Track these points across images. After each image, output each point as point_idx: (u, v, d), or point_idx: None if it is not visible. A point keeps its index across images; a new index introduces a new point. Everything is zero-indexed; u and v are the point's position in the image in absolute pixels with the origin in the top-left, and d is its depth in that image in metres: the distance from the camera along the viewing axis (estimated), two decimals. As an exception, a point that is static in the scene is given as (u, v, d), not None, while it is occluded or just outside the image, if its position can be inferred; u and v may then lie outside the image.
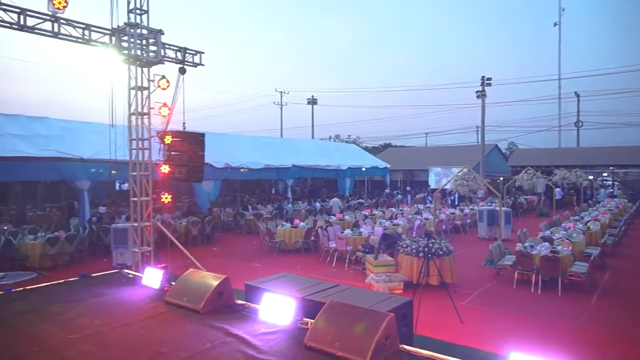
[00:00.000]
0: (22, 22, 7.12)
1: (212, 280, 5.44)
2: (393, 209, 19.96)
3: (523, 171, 27.10)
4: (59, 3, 7.20)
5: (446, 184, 20.03)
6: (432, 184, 32.68)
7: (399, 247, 9.79)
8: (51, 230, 12.80)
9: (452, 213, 18.07)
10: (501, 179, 29.46)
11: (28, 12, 7.19)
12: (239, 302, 5.47)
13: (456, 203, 23.16)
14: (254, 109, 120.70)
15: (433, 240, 9.19)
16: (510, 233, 15.69)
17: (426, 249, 8.23)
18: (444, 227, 15.92)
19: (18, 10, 7.08)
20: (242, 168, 18.25)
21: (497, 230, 14.17)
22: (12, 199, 20.05)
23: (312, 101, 44.40)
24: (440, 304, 8.12)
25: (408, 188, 32.39)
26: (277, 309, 4.71)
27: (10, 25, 7.05)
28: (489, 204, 20.90)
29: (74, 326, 4.85)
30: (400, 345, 3.77)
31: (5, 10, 6.97)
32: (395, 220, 15.40)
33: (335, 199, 21.17)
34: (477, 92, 32.28)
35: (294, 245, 13.24)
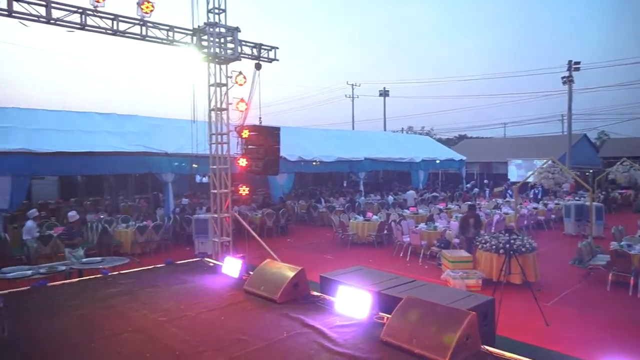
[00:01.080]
0: (115, 28, 7.69)
1: (288, 271, 5.55)
2: (469, 203, 19.17)
3: (618, 163, 24.74)
4: (147, 7, 7.68)
5: (529, 177, 18.79)
6: (512, 177, 30.92)
7: (477, 243, 9.37)
8: (140, 219, 13.84)
9: (535, 208, 16.97)
10: (590, 171, 27.15)
11: (120, 18, 7.75)
12: (314, 293, 5.53)
13: (539, 197, 21.67)
14: (325, 102, 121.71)
15: (515, 236, 8.68)
16: (602, 230, 14.42)
17: (507, 245, 7.78)
18: (525, 222, 15.01)
19: (112, 17, 7.66)
20: (315, 161, 18.46)
21: (586, 226, 13.09)
22: (106, 190, 21.95)
23: (384, 93, 43.77)
24: (523, 304, 7.66)
25: (485, 181, 30.91)
26: (352, 302, 4.69)
27: (105, 31, 7.64)
28: (577, 198, 19.34)
29: (162, 309, 5.18)
30: (481, 346, 3.59)
31: (101, 18, 7.56)
32: (472, 215, 14.75)
33: (411, 192, 20.75)
34: (563, 77, 29.92)
35: (367, 239, 13.17)
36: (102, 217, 14.15)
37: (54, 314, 5.17)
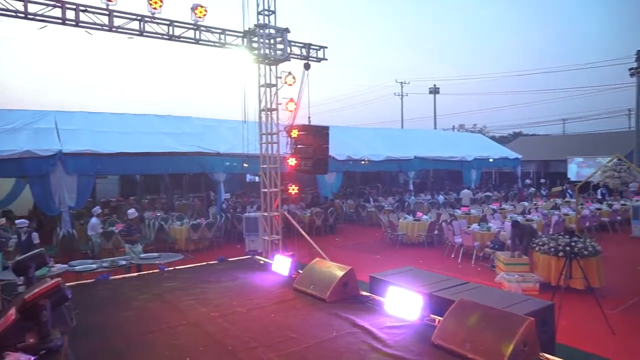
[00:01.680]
0: (170, 33, 8.00)
1: (338, 270, 5.54)
2: (525, 203, 18.35)
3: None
4: (200, 12, 7.94)
5: (591, 176, 17.67)
6: (572, 176, 29.27)
7: (534, 245, 8.94)
8: (194, 217, 14.35)
9: (598, 209, 15.97)
10: (662, 170, 25.16)
11: (175, 23, 8.06)
12: (364, 293, 5.49)
13: (604, 197, 20.33)
14: (374, 101, 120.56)
15: (576, 239, 8.21)
16: (675, 234, 13.36)
17: (568, 248, 7.37)
18: (587, 224, 14.16)
19: (168, 22, 7.98)
20: (364, 160, 18.36)
21: (657, 229, 12.15)
22: (163, 189, 22.94)
23: (434, 90, 42.83)
24: (585, 311, 7.24)
25: (542, 180, 29.47)
26: (403, 303, 4.61)
27: (161, 37, 7.97)
28: (647, 199, 18.00)
29: (214, 304, 5.34)
30: (540, 354, 3.42)
31: (158, 24, 7.90)
32: (528, 215, 14.13)
33: (466, 191, 20.17)
34: (630, 69, 27.95)
35: (417, 239, 12.94)
36: (158, 214, 14.80)
37: (116, 305, 5.46)
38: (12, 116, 12.06)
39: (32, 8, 6.77)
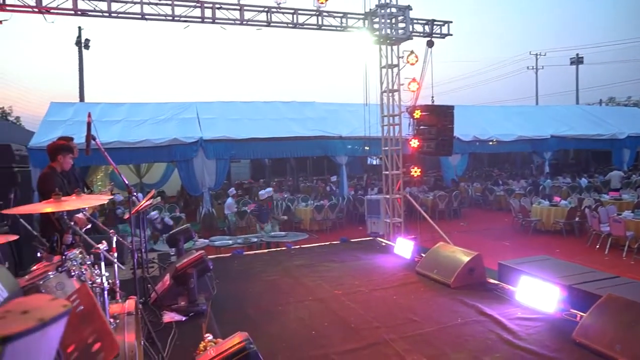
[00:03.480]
0: (295, 21, 8.30)
1: (463, 255, 5.31)
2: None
3: None
4: (322, -2, 8.09)
5: None
6: None
7: None
8: (318, 199, 14.92)
9: None
10: None
11: (299, 11, 8.33)
12: (491, 281, 5.19)
13: None
14: (504, 77, 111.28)
15: None
16: None
17: None
18: None
19: (292, 11, 8.28)
20: (492, 140, 17.13)
21: None
22: (289, 172, 24.24)
23: (577, 60, 37.99)
24: None
25: None
26: (537, 294, 4.25)
27: (286, 25, 8.32)
28: None
29: (338, 283, 5.52)
30: None
31: (283, 13, 8.25)
32: (700, 203, 11.85)
33: (616, 172, 17.67)
34: None
35: (553, 226, 11.74)
36: (285, 196, 15.69)
37: (249, 278, 5.96)
38: (163, 108, 13.75)
39: (177, 10, 7.56)
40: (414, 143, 8.31)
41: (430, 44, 8.59)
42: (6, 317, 0.56)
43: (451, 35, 9.12)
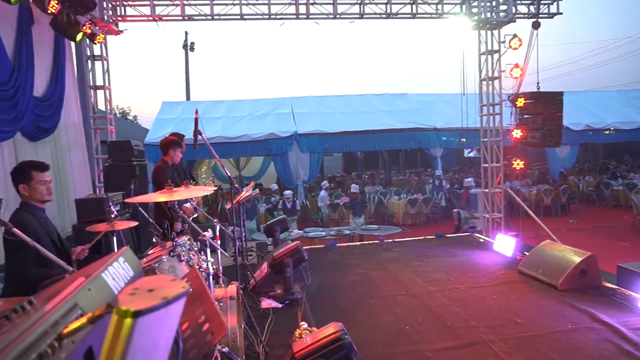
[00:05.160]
0: (388, 11, 8.16)
1: (574, 255, 4.87)
2: None
3: None
4: (417, -15, 7.84)
5: None
6: None
7: None
8: (411, 192, 14.61)
9: None
10: None
11: (392, 1, 8.17)
12: (608, 285, 4.70)
13: None
14: (620, 58, 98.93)
15: None
16: None
17: None
18: None
19: (385, 1, 8.15)
20: (608, 129, 15.38)
21: None
22: (381, 165, 24.05)
23: None
24: None
25: None
26: (666, 302, 3.76)
27: (380, 16, 8.21)
28: None
29: (432, 279, 5.37)
30: None
31: (376, 4, 8.15)
32: None
33: None
34: None
35: (685, 226, 10.28)
36: (377, 189, 15.60)
37: (342, 270, 6.04)
38: (260, 104, 14.40)
39: (273, 9, 7.84)
40: (517, 133, 7.74)
41: (536, 26, 7.91)
42: (135, 294, 0.62)
43: (561, 14, 8.32)
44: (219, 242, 3.50)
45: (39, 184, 2.81)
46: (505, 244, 6.41)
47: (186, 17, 7.78)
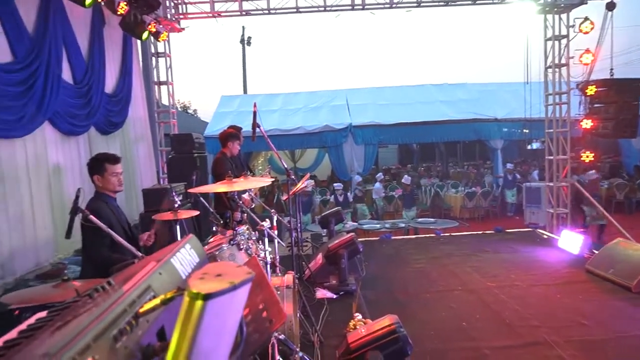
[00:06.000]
0: (446, -2, 7.91)
1: (650, 255, 4.53)
2: None
3: None
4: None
5: None
6: None
7: None
8: (469, 186, 14.15)
9: None
10: None
11: (451, -12, 7.90)
12: (690, 288, 4.33)
13: None
14: None
15: None
16: None
17: None
18: None
19: (444, -13, 7.91)
20: (692, 119, 14.07)
21: None
22: (437, 157, 23.45)
23: None
24: None
25: None
26: None
27: (438, 4, 7.98)
28: None
29: (491, 275, 5.19)
30: None
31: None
32: None
33: None
34: None
35: None
36: (434, 181, 15.26)
37: (397, 263, 5.99)
38: (315, 97, 14.49)
39: (329, 1, 7.83)
40: (586, 124, 7.26)
41: (611, 7, 7.34)
42: (205, 278, 0.66)
43: (639, -6, 7.67)
44: (275, 232, 3.59)
45: (111, 175, 3.01)
46: (571, 241, 6.07)
47: (244, 12, 7.96)
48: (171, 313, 0.89)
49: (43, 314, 1.15)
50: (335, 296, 4.59)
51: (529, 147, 21.53)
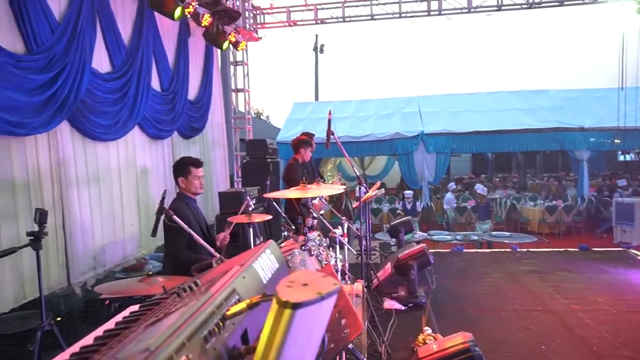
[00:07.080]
0: (531, 1, 7.52)
1: None
2: None
3: None
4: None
5: None
6: None
7: None
8: (549, 198, 13.25)
9: None
10: None
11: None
12: None
13: None
14: None
15: None
16: None
17: None
18: None
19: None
20: None
21: None
22: (514, 167, 22.23)
23: None
24: None
25: None
26: None
27: (520, 7, 7.62)
28: None
29: (575, 296, 4.81)
30: None
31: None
32: None
33: None
34: None
35: None
36: (510, 193, 14.48)
37: (469, 277, 5.73)
38: (386, 104, 14.36)
39: (404, 7, 7.76)
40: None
41: None
42: (292, 287, 0.67)
43: None
44: (346, 239, 3.59)
45: (194, 178, 3.18)
46: (671, 265, 5.47)
47: (319, 21, 8.11)
48: (255, 317, 0.91)
49: (135, 307, 1.23)
50: (403, 308, 4.49)
51: (621, 157, 19.75)
